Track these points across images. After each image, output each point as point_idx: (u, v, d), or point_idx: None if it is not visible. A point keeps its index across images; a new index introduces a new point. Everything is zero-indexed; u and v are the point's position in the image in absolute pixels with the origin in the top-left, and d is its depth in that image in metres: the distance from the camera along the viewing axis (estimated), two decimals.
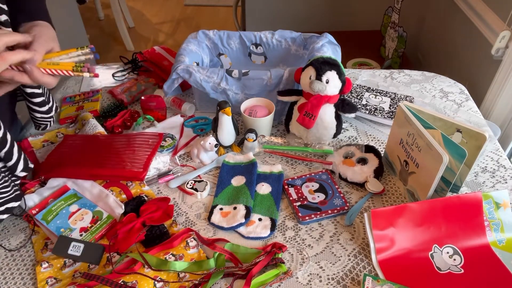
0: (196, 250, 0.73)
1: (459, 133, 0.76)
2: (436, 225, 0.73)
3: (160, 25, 3.36)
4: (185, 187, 0.85)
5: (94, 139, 0.93)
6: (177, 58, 0.99)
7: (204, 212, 0.82)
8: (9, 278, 0.71)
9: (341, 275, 0.70)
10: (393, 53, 1.95)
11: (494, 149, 0.94)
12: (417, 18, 2.03)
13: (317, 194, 0.82)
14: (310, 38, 1.07)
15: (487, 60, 1.37)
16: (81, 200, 0.80)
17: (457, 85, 1.16)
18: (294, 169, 0.91)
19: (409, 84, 1.16)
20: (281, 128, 1.02)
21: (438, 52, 1.85)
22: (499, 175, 0.87)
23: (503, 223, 0.74)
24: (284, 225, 0.79)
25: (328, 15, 2.24)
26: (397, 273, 0.69)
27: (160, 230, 0.75)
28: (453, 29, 1.68)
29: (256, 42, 1.11)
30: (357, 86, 1.12)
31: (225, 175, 0.88)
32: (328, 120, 0.91)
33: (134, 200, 0.81)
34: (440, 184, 0.75)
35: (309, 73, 0.87)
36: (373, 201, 0.83)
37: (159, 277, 0.68)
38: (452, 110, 1.06)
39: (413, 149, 0.77)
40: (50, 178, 0.84)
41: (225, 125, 0.91)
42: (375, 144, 0.96)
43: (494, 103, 1.29)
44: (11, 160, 0.74)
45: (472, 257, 0.71)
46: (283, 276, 0.69)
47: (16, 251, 0.75)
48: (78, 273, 0.70)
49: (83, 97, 1.11)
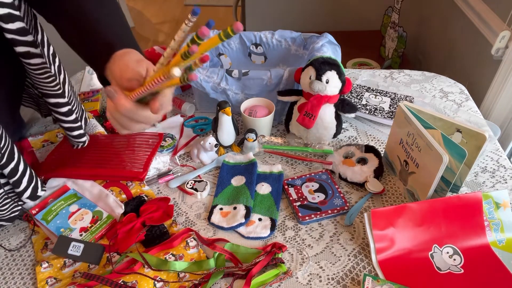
0: (196, 250, 0.73)
1: (459, 133, 0.76)
2: (436, 225, 0.73)
3: (160, 25, 3.36)
4: (185, 187, 0.85)
5: (94, 139, 0.93)
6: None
7: (204, 212, 0.82)
8: (9, 278, 0.71)
9: (341, 275, 0.70)
10: (393, 53, 1.95)
11: (494, 149, 0.94)
12: (417, 18, 2.03)
13: (317, 194, 0.82)
14: (310, 38, 1.07)
15: (487, 60, 1.37)
16: (81, 200, 0.80)
17: (457, 85, 1.16)
18: (294, 169, 0.91)
19: (409, 84, 1.16)
20: (281, 128, 1.02)
21: (438, 52, 1.85)
22: (499, 175, 0.87)
23: (503, 223, 0.74)
24: (284, 225, 0.79)
25: (328, 15, 2.24)
26: (397, 273, 0.69)
27: (160, 230, 0.75)
28: (453, 29, 1.68)
29: (256, 42, 1.11)
30: (357, 86, 1.12)
31: (225, 175, 0.88)
32: (328, 120, 0.91)
33: (134, 200, 0.81)
34: (440, 184, 0.75)
35: (309, 73, 0.87)
36: (373, 201, 0.83)
37: (159, 277, 0.68)
38: (452, 110, 1.06)
39: (413, 149, 0.77)
40: (50, 178, 0.84)
41: (225, 125, 0.90)
42: (375, 144, 0.96)
43: (494, 103, 1.29)
44: (15, 176, 0.72)
45: (472, 257, 0.71)
46: (283, 276, 0.69)
47: (16, 251, 0.75)
48: (78, 273, 0.70)
49: (83, 97, 1.11)
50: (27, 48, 0.69)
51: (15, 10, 0.65)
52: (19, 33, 0.66)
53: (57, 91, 0.78)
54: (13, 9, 0.64)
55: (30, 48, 0.69)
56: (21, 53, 0.69)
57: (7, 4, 0.63)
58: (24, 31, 0.67)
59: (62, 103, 0.80)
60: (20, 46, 0.68)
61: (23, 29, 0.67)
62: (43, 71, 0.74)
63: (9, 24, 0.64)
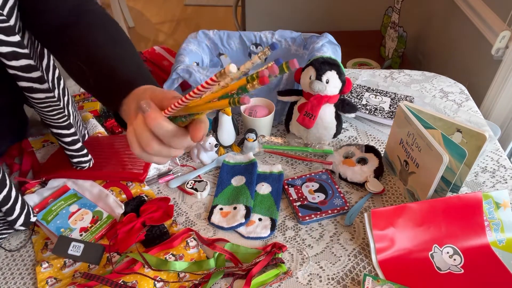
0: (196, 250, 0.73)
1: (459, 133, 0.76)
2: (436, 225, 0.73)
3: (160, 25, 3.36)
4: (185, 187, 0.85)
5: (94, 140, 0.93)
6: (177, 58, 0.99)
7: (204, 212, 0.82)
8: (9, 278, 0.71)
9: (341, 275, 0.70)
10: (393, 53, 1.95)
11: (494, 149, 0.94)
12: (417, 18, 2.03)
13: (317, 194, 0.82)
14: (310, 38, 1.07)
15: (487, 60, 1.37)
16: (81, 200, 0.80)
17: (457, 85, 1.16)
18: (294, 169, 0.91)
19: (409, 84, 1.16)
20: (281, 128, 1.02)
21: (438, 52, 1.85)
22: (499, 175, 0.87)
23: (503, 223, 0.74)
24: (284, 225, 0.79)
25: (328, 15, 2.24)
26: (397, 273, 0.69)
27: (160, 230, 0.75)
28: (453, 29, 1.68)
29: (256, 42, 1.11)
30: (357, 86, 1.12)
31: (225, 175, 0.88)
32: (328, 120, 0.91)
33: (134, 200, 0.81)
34: (440, 184, 0.75)
35: (309, 73, 0.87)
36: (373, 201, 0.83)
37: (159, 277, 0.68)
38: (452, 110, 1.06)
39: (413, 149, 0.77)
40: (51, 179, 0.84)
41: (225, 125, 0.90)
42: (375, 144, 0.96)
43: (494, 103, 1.29)
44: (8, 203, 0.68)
45: (472, 257, 0.71)
46: (283, 276, 0.69)
47: (16, 251, 0.75)
48: (78, 273, 0.70)
49: (83, 97, 1.11)
50: (30, 84, 0.66)
51: (21, 48, 0.62)
52: (23, 70, 0.64)
53: (61, 123, 0.75)
54: (19, 48, 0.61)
55: (33, 84, 0.66)
56: (23, 88, 0.67)
57: (13, 43, 0.60)
58: (29, 68, 0.64)
59: (66, 134, 0.77)
60: (23, 81, 0.65)
61: (28, 66, 0.64)
62: (46, 105, 0.71)
63: (13, 62, 0.62)
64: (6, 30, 0.59)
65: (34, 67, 0.65)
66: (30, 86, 0.66)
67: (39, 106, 0.71)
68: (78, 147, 0.80)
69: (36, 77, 0.66)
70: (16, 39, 0.61)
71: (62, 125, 0.76)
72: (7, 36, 0.59)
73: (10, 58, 0.61)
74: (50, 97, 0.70)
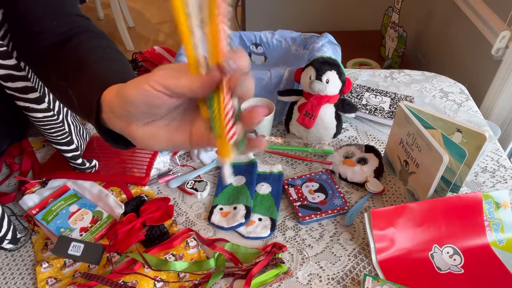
0: (196, 250, 0.73)
1: (459, 133, 0.76)
2: (436, 225, 0.73)
3: (160, 25, 3.36)
4: (185, 187, 0.85)
5: (95, 140, 0.93)
6: (177, 58, 0.99)
7: (204, 212, 0.82)
8: (9, 278, 0.71)
9: (341, 275, 0.70)
10: (393, 53, 1.95)
11: (494, 149, 0.94)
12: (417, 18, 2.03)
13: (317, 194, 0.82)
14: (310, 38, 1.07)
15: (487, 60, 1.37)
16: (81, 200, 0.80)
17: (457, 85, 1.16)
18: (294, 169, 0.91)
19: (409, 84, 1.16)
20: (281, 128, 1.02)
21: (438, 52, 1.85)
22: (499, 175, 0.87)
23: (503, 223, 0.74)
24: (284, 225, 0.79)
25: (328, 15, 2.24)
26: (397, 273, 0.69)
27: (160, 230, 0.75)
28: (453, 29, 1.68)
29: (256, 42, 1.11)
30: (357, 86, 1.12)
31: None
32: (328, 120, 0.91)
33: (134, 200, 0.81)
34: (440, 184, 0.75)
35: (309, 73, 0.87)
36: (373, 201, 0.83)
37: (159, 277, 0.68)
38: (452, 110, 1.06)
39: (413, 149, 0.77)
40: (51, 179, 0.84)
41: None
42: (375, 144, 0.96)
43: (494, 103, 1.29)
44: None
45: (472, 257, 0.71)
46: (283, 276, 0.69)
47: (16, 251, 0.75)
48: (78, 273, 0.70)
49: None
50: (27, 104, 0.67)
51: (18, 71, 0.62)
52: (20, 91, 0.65)
53: (60, 140, 0.76)
54: (16, 71, 0.62)
55: (31, 104, 0.67)
56: (22, 107, 0.68)
57: (9, 66, 0.61)
58: (26, 90, 0.65)
59: (66, 150, 0.78)
60: (20, 101, 0.66)
61: (25, 87, 0.65)
62: (45, 123, 0.72)
63: (9, 83, 0.63)
64: (2, 54, 0.60)
65: (31, 88, 0.66)
66: (28, 106, 0.68)
67: (38, 124, 0.72)
68: (80, 162, 0.82)
69: (33, 98, 0.67)
70: (12, 62, 0.61)
71: (62, 141, 0.77)
72: (2, 60, 0.60)
73: (6, 80, 0.62)
74: (48, 116, 0.71)
